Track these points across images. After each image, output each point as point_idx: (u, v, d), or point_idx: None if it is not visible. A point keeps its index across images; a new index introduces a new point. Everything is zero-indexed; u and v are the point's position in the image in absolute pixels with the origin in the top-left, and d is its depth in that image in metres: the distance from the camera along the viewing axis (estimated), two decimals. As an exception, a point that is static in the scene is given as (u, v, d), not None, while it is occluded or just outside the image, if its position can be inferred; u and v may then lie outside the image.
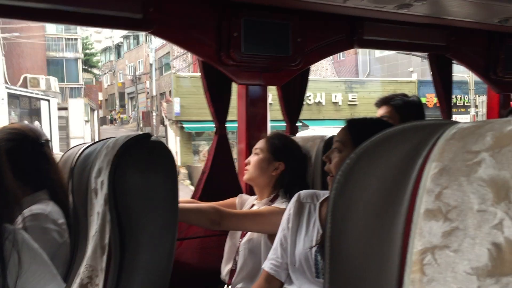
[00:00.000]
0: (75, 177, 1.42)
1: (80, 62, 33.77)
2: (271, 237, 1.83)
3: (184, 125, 18.22)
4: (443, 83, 2.93)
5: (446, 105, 2.94)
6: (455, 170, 0.48)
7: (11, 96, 13.83)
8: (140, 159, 1.14)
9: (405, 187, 0.52)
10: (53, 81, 20.57)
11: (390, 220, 0.53)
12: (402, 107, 2.39)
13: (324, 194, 1.64)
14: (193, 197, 2.25)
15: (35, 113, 15.19)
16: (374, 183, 0.55)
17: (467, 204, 0.46)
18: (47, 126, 14.97)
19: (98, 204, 1.23)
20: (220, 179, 2.24)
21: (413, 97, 2.51)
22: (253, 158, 2.00)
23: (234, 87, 2.30)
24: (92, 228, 1.28)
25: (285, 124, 2.46)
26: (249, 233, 1.93)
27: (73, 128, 18.23)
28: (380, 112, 2.43)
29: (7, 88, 13.92)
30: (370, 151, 0.57)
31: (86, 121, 19.57)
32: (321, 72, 24.01)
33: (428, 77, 3.70)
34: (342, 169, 0.58)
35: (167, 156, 1.17)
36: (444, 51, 2.70)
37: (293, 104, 2.41)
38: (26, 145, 1.58)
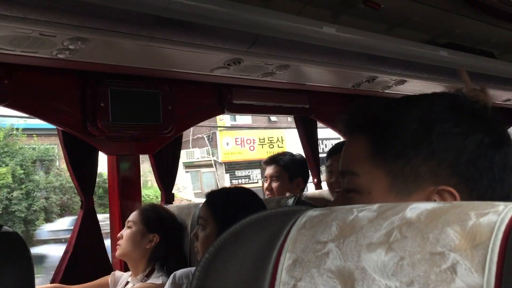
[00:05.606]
0: None
1: None
2: (148, 316, 1.72)
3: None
4: (309, 142, 3.12)
5: (315, 163, 3.12)
6: (307, 261, 0.49)
7: None
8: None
9: (263, 280, 0.51)
10: None
11: None
12: (290, 166, 2.50)
13: None
14: (53, 281, 2.01)
15: None
16: (234, 277, 0.54)
17: (320, 297, 0.47)
18: None
19: None
20: (87, 257, 2.05)
21: (298, 155, 2.65)
22: (125, 232, 1.90)
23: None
24: None
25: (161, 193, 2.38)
26: (123, 315, 1.79)
27: None
28: (269, 171, 2.50)
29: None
30: (228, 243, 0.56)
31: None
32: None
33: None
34: (201, 264, 0.56)
35: (20, 246, 1.05)
36: (308, 113, 2.90)
37: (167, 172, 2.36)
38: None
